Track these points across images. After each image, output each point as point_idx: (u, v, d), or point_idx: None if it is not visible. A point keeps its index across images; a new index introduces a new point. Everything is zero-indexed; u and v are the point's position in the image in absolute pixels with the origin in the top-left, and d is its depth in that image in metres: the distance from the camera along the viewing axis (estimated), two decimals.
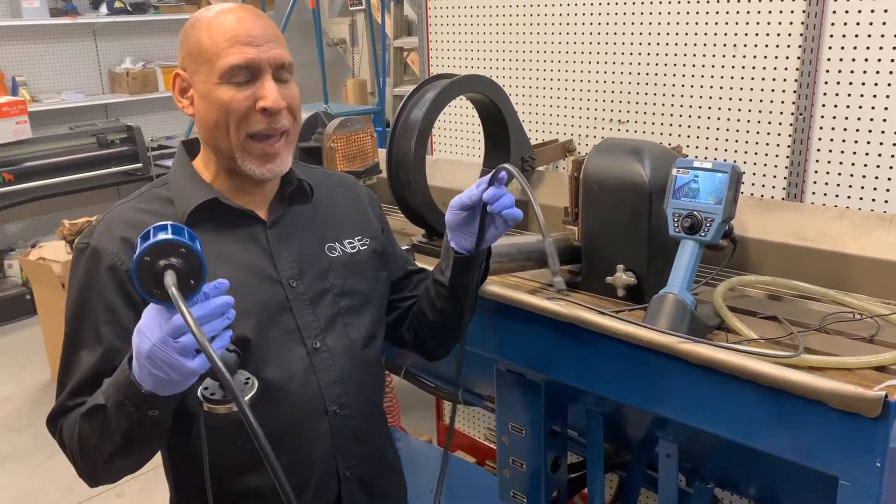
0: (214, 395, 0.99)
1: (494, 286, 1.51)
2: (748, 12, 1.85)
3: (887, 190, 1.71)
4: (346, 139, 2.10)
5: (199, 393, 0.99)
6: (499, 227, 1.28)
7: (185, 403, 1.17)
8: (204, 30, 1.19)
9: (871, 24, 1.67)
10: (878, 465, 1.09)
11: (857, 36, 1.69)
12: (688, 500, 1.65)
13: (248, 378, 1.01)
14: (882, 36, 1.66)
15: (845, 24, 1.70)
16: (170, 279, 0.88)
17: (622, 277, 1.49)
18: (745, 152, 1.91)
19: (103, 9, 5.62)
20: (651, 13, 2.02)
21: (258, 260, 1.25)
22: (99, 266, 1.17)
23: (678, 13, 1.97)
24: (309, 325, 1.26)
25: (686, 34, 1.97)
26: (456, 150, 2.63)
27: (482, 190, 1.24)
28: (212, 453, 1.21)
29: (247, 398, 0.98)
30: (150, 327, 0.93)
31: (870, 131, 1.71)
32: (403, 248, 1.83)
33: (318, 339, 1.26)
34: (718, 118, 1.95)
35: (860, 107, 1.72)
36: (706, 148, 1.98)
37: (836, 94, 1.74)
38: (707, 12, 1.92)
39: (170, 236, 0.90)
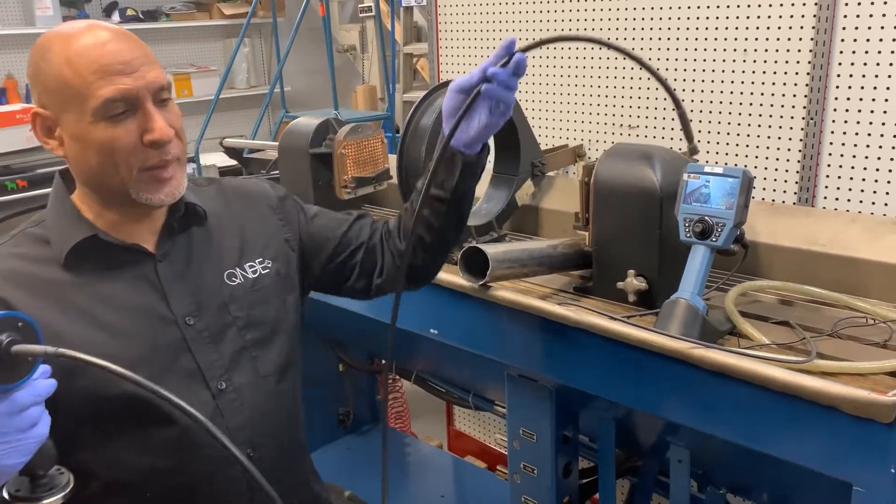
0: (21, 493, 0.91)
1: (505, 291, 1.51)
2: (759, 17, 1.85)
3: None
4: (357, 145, 2.11)
5: (4, 493, 0.90)
6: (493, 113, 1.13)
7: (79, 461, 1.05)
8: (63, 63, 1.03)
9: (882, 28, 1.67)
10: (893, 471, 1.09)
11: (868, 40, 1.69)
12: None
13: (62, 471, 0.93)
14: (894, 40, 1.66)
15: (856, 28, 1.70)
16: (26, 346, 0.82)
17: (633, 283, 1.49)
18: (756, 157, 1.91)
19: (115, 16, 5.66)
20: (661, 18, 2.02)
21: (149, 300, 1.13)
22: None
23: (688, 18, 1.97)
24: (212, 365, 1.15)
25: (696, 39, 1.97)
26: None
27: (482, 69, 1.10)
28: None
29: (60, 495, 0.90)
30: None
31: (882, 135, 1.71)
32: None
33: (222, 379, 1.15)
34: (729, 123, 1.95)
35: (872, 111, 1.71)
36: (717, 153, 1.98)
37: (848, 99, 1.74)
38: (717, 17, 1.92)
39: (4, 314, 0.83)
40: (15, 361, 0.83)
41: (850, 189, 1.77)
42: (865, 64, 1.70)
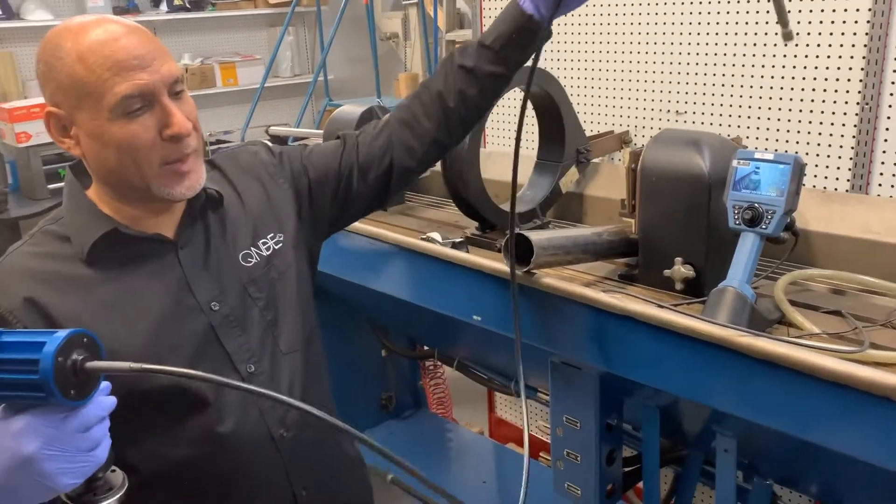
0: (79, 495, 0.89)
1: (550, 279, 1.51)
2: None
3: None
4: None
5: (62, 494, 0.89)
6: None
7: (119, 457, 1.04)
8: (75, 60, 1.01)
9: None
10: None
11: None
12: (746, 496, 1.63)
13: (114, 469, 0.93)
14: None
15: None
16: (103, 363, 0.84)
17: (680, 270, 1.47)
18: (808, 143, 1.86)
19: (163, 6, 5.75)
20: (710, 2, 1.99)
21: (174, 289, 1.13)
22: None
23: (738, 1, 1.93)
24: (239, 349, 1.16)
25: (746, 22, 1.93)
26: (510, 143, 2.63)
27: None
28: None
29: (116, 497, 0.90)
30: (36, 426, 0.81)
31: None
32: (457, 240, 1.84)
33: (251, 362, 1.16)
34: (780, 108, 1.90)
35: None
36: (766, 139, 1.94)
37: None
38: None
39: (69, 330, 0.83)
40: (86, 378, 0.83)
41: None
42: None
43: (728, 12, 1.96)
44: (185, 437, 1.12)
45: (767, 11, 1.88)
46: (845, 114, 1.79)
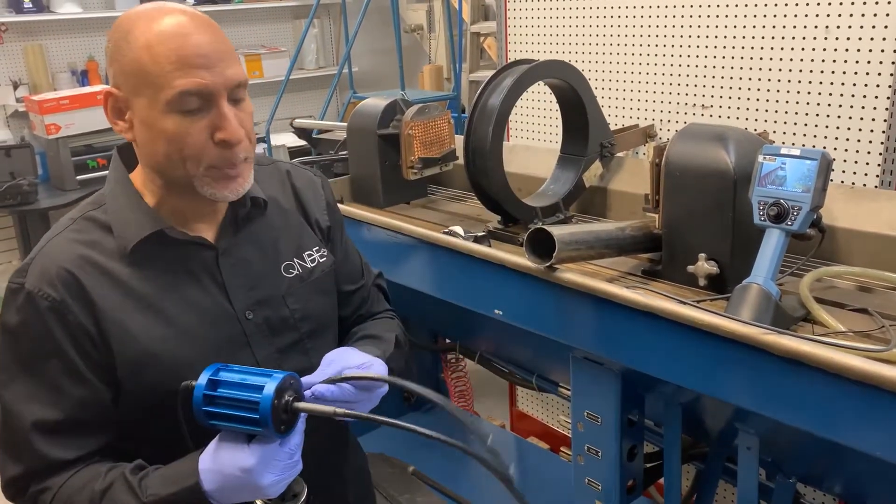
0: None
1: (572, 274, 1.50)
2: None
3: None
4: (424, 126, 2.12)
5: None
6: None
7: (139, 452, 1.09)
8: (142, 47, 1.02)
9: None
10: None
11: None
12: (768, 494, 1.61)
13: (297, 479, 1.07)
14: None
15: None
16: (309, 405, 0.99)
17: (704, 267, 1.46)
18: (836, 138, 1.84)
19: None
20: None
21: (211, 295, 1.14)
22: (39, 313, 1.05)
23: None
24: (268, 358, 1.17)
25: (774, 15, 1.90)
26: (533, 137, 2.62)
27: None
28: None
29: (301, 499, 1.06)
30: (267, 461, 0.97)
31: None
32: (479, 234, 1.84)
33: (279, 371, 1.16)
34: (808, 103, 1.88)
35: None
36: (794, 134, 1.92)
37: None
38: None
39: (283, 374, 0.98)
40: (293, 415, 0.98)
41: None
42: None
43: (756, 4, 1.93)
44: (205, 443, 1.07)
45: (796, 4, 1.85)
46: (875, 108, 1.76)
